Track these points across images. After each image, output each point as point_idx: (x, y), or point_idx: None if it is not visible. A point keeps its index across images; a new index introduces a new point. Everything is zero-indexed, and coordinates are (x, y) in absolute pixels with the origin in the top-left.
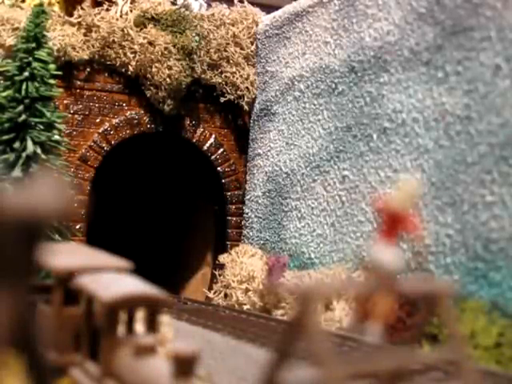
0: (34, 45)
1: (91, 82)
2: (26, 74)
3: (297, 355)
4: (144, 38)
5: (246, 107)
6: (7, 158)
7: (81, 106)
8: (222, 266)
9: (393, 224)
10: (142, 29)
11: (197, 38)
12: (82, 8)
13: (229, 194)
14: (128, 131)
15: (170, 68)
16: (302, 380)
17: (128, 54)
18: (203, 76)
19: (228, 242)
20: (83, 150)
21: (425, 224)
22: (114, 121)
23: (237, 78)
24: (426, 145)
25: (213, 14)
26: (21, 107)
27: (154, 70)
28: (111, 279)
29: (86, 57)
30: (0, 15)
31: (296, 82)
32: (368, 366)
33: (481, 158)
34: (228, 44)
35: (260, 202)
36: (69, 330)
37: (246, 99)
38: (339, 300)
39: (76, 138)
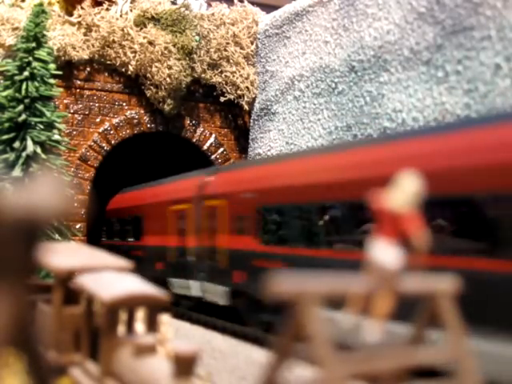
0: (34, 44)
1: (91, 81)
2: (26, 73)
3: (297, 355)
4: (144, 37)
5: (246, 107)
6: (7, 158)
7: (81, 106)
8: None
9: (393, 223)
10: (142, 28)
11: (197, 37)
12: (82, 7)
13: None
14: (128, 131)
15: (170, 67)
16: (303, 380)
17: (128, 53)
18: (203, 75)
19: None
20: (83, 150)
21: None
22: (114, 120)
23: (237, 78)
24: None
25: (213, 14)
26: (21, 107)
27: (154, 69)
28: (111, 279)
29: (86, 56)
30: (0, 15)
31: (296, 82)
32: (368, 366)
33: None
34: (228, 43)
35: None
36: (69, 330)
37: (246, 99)
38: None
39: (76, 137)
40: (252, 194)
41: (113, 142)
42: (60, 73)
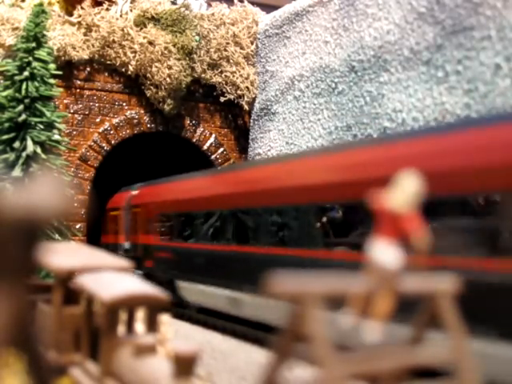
0: (34, 44)
1: (91, 81)
2: (26, 73)
3: (297, 355)
4: (144, 37)
5: (246, 107)
6: (7, 158)
7: (81, 106)
8: None
9: (393, 224)
10: (142, 28)
11: (197, 37)
12: (82, 7)
13: None
14: (128, 131)
15: (170, 67)
16: (303, 380)
17: (128, 53)
18: (203, 75)
19: None
20: (83, 150)
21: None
22: (114, 120)
23: (237, 78)
24: None
25: (213, 14)
26: (21, 107)
27: (154, 69)
28: (111, 279)
29: (86, 56)
30: (0, 15)
31: (296, 82)
32: (368, 366)
33: None
34: (228, 43)
35: None
36: (69, 330)
37: (246, 99)
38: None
39: (76, 137)
40: None
41: (113, 142)
42: (60, 73)
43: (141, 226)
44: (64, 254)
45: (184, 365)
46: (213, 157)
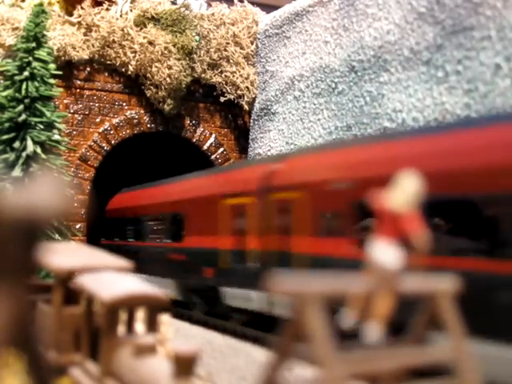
0: (33, 44)
1: (91, 81)
2: (26, 73)
3: (297, 355)
4: (144, 37)
5: (246, 107)
6: (7, 158)
7: (81, 106)
8: None
9: (393, 224)
10: (142, 28)
11: (197, 37)
12: (82, 7)
13: None
14: (128, 131)
15: (170, 67)
16: (303, 380)
17: (128, 53)
18: (203, 75)
19: None
20: (83, 150)
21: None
22: (114, 120)
23: (237, 78)
24: None
25: (213, 14)
26: (21, 107)
27: (154, 69)
28: (111, 279)
29: (86, 56)
30: (0, 15)
31: (296, 82)
32: (368, 366)
33: None
34: (228, 43)
35: None
36: (69, 330)
37: (246, 99)
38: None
39: (76, 137)
40: None
41: (113, 142)
42: (60, 73)
43: (301, 222)
44: (64, 254)
45: (184, 365)
46: (213, 157)
